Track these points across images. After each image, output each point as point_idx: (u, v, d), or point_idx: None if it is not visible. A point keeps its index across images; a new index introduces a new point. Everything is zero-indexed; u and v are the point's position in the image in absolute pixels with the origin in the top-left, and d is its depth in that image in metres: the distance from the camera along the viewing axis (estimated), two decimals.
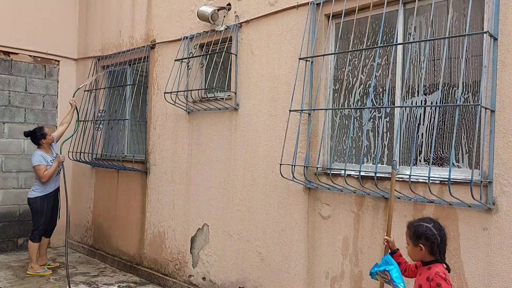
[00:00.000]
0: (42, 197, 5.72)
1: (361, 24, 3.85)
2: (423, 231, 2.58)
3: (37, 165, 5.63)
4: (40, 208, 5.73)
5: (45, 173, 5.61)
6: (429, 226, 2.60)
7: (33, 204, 5.74)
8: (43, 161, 5.65)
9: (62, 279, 5.70)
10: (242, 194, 4.62)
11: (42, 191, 5.73)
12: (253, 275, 4.48)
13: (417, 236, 2.61)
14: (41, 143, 5.75)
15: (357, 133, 3.92)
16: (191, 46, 5.23)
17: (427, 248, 2.58)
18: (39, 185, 5.73)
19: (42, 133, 5.76)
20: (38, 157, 5.65)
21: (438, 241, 2.57)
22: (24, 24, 6.89)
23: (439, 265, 2.59)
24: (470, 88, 3.25)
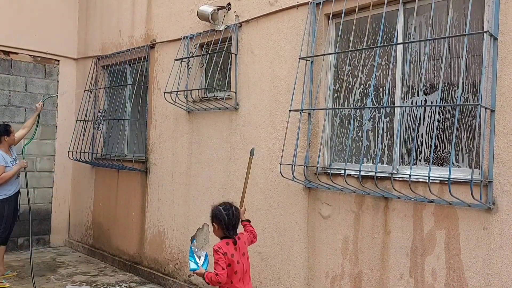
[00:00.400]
0: (3, 200, 5.34)
1: (361, 24, 3.85)
2: (214, 212, 3.15)
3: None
4: (1, 212, 5.34)
5: (3, 174, 5.25)
6: (219, 208, 3.14)
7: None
8: (2, 161, 5.29)
9: (62, 278, 5.70)
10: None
11: (3, 194, 5.34)
12: (253, 274, 4.47)
13: (211, 217, 3.17)
14: (2, 140, 5.39)
15: (357, 133, 3.92)
16: (191, 45, 5.23)
17: (219, 226, 3.11)
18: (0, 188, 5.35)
19: (7, 129, 5.44)
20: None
21: (225, 220, 3.07)
22: (24, 23, 6.89)
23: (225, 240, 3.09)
24: (470, 88, 3.25)
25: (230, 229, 3.11)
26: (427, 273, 3.23)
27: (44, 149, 7.21)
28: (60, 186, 7.39)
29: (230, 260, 3.03)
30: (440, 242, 3.17)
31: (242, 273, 3.09)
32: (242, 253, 3.12)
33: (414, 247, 3.31)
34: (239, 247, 3.11)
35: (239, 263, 3.08)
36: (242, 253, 3.12)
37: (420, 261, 3.27)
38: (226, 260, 3.01)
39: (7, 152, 5.42)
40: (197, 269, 3.09)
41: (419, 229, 3.29)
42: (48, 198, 7.30)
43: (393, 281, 3.42)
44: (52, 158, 7.30)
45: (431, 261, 3.21)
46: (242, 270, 3.08)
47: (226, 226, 3.09)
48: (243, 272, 3.09)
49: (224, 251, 3.02)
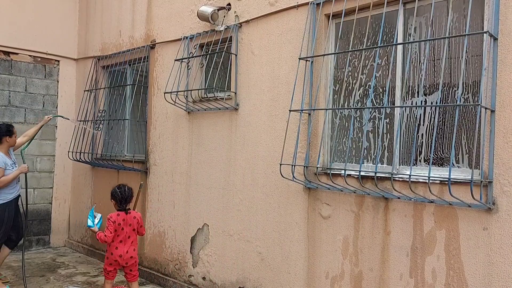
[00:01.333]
0: (3, 205, 5.05)
1: (361, 24, 3.85)
2: (112, 192, 4.29)
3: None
4: (0, 217, 5.05)
5: (3, 178, 4.96)
6: (115, 188, 4.29)
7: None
8: (2, 163, 4.99)
9: (62, 279, 5.70)
10: (242, 194, 4.62)
11: (3, 198, 5.06)
12: (253, 275, 4.48)
13: (110, 195, 4.29)
14: (3, 140, 5.08)
15: (357, 133, 3.92)
16: (191, 46, 5.23)
17: (115, 202, 4.26)
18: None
19: (10, 130, 5.14)
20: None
21: (119, 196, 4.22)
22: (24, 24, 6.90)
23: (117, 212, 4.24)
24: (470, 89, 3.25)
25: (123, 202, 4.24)
26: (427, 274, 3.23)
27: (44, 150, 7.21)
28: (60, 186, 7.39)
29: (117, 227, 4.15)
30: (440, 242, 3.17)
31: (124, 238, 4.20)
32: (129, 223, 4.23)
33: (414, 247, 3.31)
34: (127, 219, 4.22)
35: (123, 230, 4.19)
36: (129, 224, 4.23)
37: (420, 261, 3.27)
38: (114, 226, 4.13)
39: (7, 154, 5.17)
40: (92, 227, 4.30)
41: (419, 229, 3.29)
42: (48, 198, 7.30)
43: (393, 282, 3.42)
44: (52, 159, 7.30)
45: (431, 262, 3.21)
46: (125, 236, 4.20)
47: (120, 200, 4.22)
48: (125, 237, 4.20)
49: (113, 220, 4.14)
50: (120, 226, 4.16)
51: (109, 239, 4.12)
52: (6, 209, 5.07)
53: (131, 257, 4.25)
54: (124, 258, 4.20)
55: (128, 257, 4.23)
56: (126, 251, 4.21)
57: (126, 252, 4.21)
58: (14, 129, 5.24)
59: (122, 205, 4.22)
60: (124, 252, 4.20)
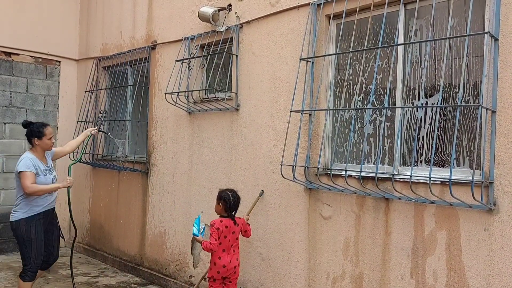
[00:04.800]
0: (27, 219, 4.18)
1: (362, 25, 3.85)
2: (223, 194, 3.90)
3: (23, 171, 4.09)
4: (27, 234, 4.17)
5: (33, 185, 4.09)
6: (227, 192, 3.92)
7: (16, 230, 4.19)
8: (32, 167, 4.15)
9: (62, 279, 5.70)
10: (243, 194, 4.61)
11: (26, 211, 4.20)
12: (254, 275, 4.48)
13: (219, 197, 3.91)
14: (33, 143, 4.30)
15: (358, 136, 3.92)
16: (192, 46, 5.23)
17: (224, 206, 3.88)
18: (23, 203, 4.20)
19: (40, 131, 4.29)
20: (26, 161, 4.17)
21: (230, 203, 3.87)
22: (25, 24, 6.90)
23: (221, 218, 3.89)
24: (471, 91, 3.24)
25: (233, 209, 3.92)
26: (428, 274, 3.23)
27: None
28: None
29: (220, 234, 3.82)
30: (441, 243, 3.17)
31: (227, 247, 3.87)
32: (232, 231, 3.88)
33: (415, 248, 3.30)
34: (230, 226, 3.87)
35: (226, 238, 3.85)
36: (232, 232, 3.88)
37: (421, 262, 3.27)
38: (217, 233, 3.80)
39: (42, 158, 4.35)
40: (197, 235, 3.90)
41: (420, 230, 3.28)
42: None
43: (394, 282, 3.41)
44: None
45: (432, 262, 3.21)
46: (227, 244, 3.86)
47: (230, 207, 3.89)
48: (228, 246, 3.87)
49: (217, 226, 3.81)
50: (223, 234, 3.83)
51: (214, 246, 3.79)
52: (32, 224, 4.20)
53: (235, 267, 3.92)
54: (227, 268, 3.86)
55: (231, 267, 3.88)
56: (229, 261, 3.87)
57: (229, 262, 3.87)
58: (47, 130, 4.34)
59: (230, 212, 3.90)
60: (227, 262, 3.86)
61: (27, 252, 4.23)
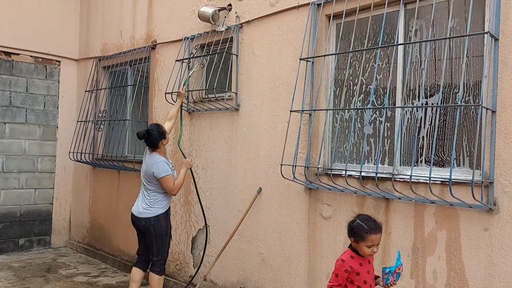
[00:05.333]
0: (164, 214, 4.37)
1: (362, 25, 3.85)
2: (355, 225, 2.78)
3: (166, 175, 4.23)
4: (165, 228, 4.35)
5: (176, 183, 4.31)
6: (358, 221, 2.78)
7: (156, 226, 4.29)
8: (169, 169, 4.28)
9: (63, 279, 5.70)
10: (243, 194, 4.62)
11: (163, 206, 4.36)
12: (254, 275, 4.48)
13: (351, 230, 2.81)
14: (160, 145, 4.36)
15: (358, 136, 3.91)
16: (192, 46, 5.23)
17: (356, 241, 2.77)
18: (160, 200, 4.34)
19: (161, 131, 4.35)
20: (164, 165, 4.26)
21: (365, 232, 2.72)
22: (25, 24, 6.90)
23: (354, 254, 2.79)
24: (471, 91, 3.24)
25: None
26: (428, 274, 3.23)
27: (45, 150, 7.22)
28: (61, 186, 7.40)
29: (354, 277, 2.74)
30: (441, 243, 3.17)
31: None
32: (367, 270, 2.80)
33: (415, 248, 3.30)
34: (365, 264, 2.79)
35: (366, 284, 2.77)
36: (367, 271, 2.80)
37: (421, 262, 3.27)
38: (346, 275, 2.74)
39: (165, 156, 4.50)
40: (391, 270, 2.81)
41: (420, 230, 3.28)
42: (49, 198, 7.30)
43: None
44: (53, 159, 7.30)
45: (432, 262, 3.21)
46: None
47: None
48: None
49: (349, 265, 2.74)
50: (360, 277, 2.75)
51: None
52: (168, 218, 4.43)
53: None
54: None
55: None
56: None
57: None
58: (164, 128, 4.43)
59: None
60: None
61: (163, 246, 4.36)
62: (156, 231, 4.30)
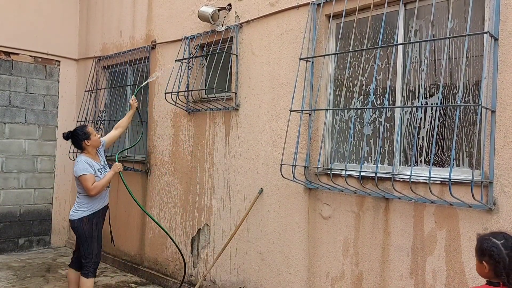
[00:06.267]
0: (89, 216, 4.39)
1: (361, 25, 3.85)
2: (488, 247, 2.26)
3: (82, 174, 4.30)
4: (89, 231, 4.38)
5: (94, 184, 4.32)
6: (497, 242, 2.25)
7: (78, 228, 4.36)
8: (90, 169, 4.36)
9: (62, 279, 5.70)
10: (242, 194, 4.62)
11: (88, 209, 4.40)
12: (253, 275, 4.48)
13: (481, 251, 2.30)
14: (84, 145, 4.47)
15: (358, 136, 3.92)
16: (191, 46, 5.23)
17: (491, 267, 2.24)
18: (85, 202, 4.40)
19: (85, 132, 4.48)
20: (83, 164, 4.36)
21: (505, 262, 2.20)
22: (24, 24, 6.90)
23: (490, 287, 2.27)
24: (470, 91, 3.25)
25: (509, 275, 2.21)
26: (428, 274, 3.23)
27: (45, 150, 7.22)
28: (60, 186, 7.39)
29: None
30: (440, 242, 3.17)
31: None
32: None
33: (415, 247, 3.31)
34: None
35: None
36: None
37: (420, 261, 3.27)
38: None
39: (95, 158, 4.54)
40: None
41: (420, 230, 3.29)
42: (48, 198, 7.30)
43: (394, 282, 3.41)
44: (52, 159, 7.30)
45: (432, 262, 3.21)
46: None
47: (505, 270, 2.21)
48: None
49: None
50: None
51: None
52: (93, 221, 4.42)
53: None
54: None
55: None
56: None
57: None
58: (89, 129, 4.53)
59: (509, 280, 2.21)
60: None
61: (89, 249, 4.40)
62: (80, 234, 4.38)
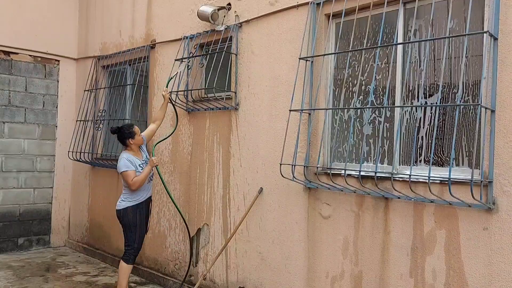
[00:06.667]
0: (133, 207, 4.72)
1: (361, 24, 3.85)
2: None
3: (124, 171, 4.62)
4: (133, 220, 4.72)
5: (134, 179, 4.60)
6: None
7: (124, 217, 4.74)
8: (131, 165, 4.65)
9: (62, 278, 5.70)
10: (242, 193, 4.62)
11: (132, 199, 4.73)
12: (253, 274, 4.49)
13: None
14: (128, 143, 4.75)
15: (357, 136, 3.92)
16: (191, 45, 5.23)
17: None
18: (128, 194, 4.74)
19: (131, 131, 4.74)
20: (125, 161, 4.65)
21: None
22: (24, 23, 6.89)
23: None
24: (470, 90, 3.25)
25: None
26: (428, 273, 3.23)
27: (44, 149, 7.22)
28: (60, 186, 7.39)
29: None
30: (440, 242, 3.17)
31: None
32: None
33: (414, 247, 3.31)
34: None
35: None
36: None
37: (420, 261, 3.27)
38: None
39: (137, 154, 4.80)
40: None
41: (419, 229, 3.29)
42: (48, 198, 7.30)
43: (393, 281, 3.42)
44: (52, 158, 7.30)
45: (432, 261, 3.21)
46: None
47: None
48: None
49: None
50: None
51: None
52: (137, 211, 4.73)
53: None
54: None
55: None
56: None
57: None
58: (136, 128, 4.80)
59: None
60: None
61: (132, 237, 4.75)
62: (125, 223, 4.74)
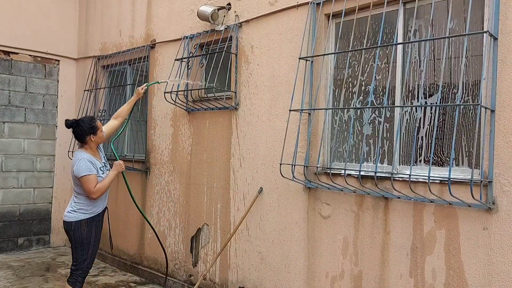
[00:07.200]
0: (89, 220, 3.93)
1: (361, 24, 3.85)
2: None
3: (86, 175, 3.81)
4: (87, 235, 3.91)
5: (97, 186, 3.87)
6: None
7: (75, 231, 3.89)
8: (93, 169, 3.87)
9: (62, 278, 5.70)
10: (242, 193, 4.62)
11: (88, 211, 3.94)
12: (253, 274, 4.49)
13: None
14: (87, 140, 3.94)
15: (357, 136, 3.92)
16: (191, 45, 5.23)
17: None
18: (84, 204, 3.93)
19: (93, 126, 3.94)
20: (86, 163, 3.84)
21: None
22: (24, 23, 6.89)
23: None
24: (470, 91, 3.25)
25: None
26: (427, 273, 3.23)
27: (44, 149, 7.22)
28: (60, 186, 7.39)
29: None
30: (440, 242, 3.17)
31: None
32: None
33: (414, 247, 3.31)
34: None
35: None
36: None
37: (420, 261, 3.27)
38: None
39: (96, 155, 4.04)
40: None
41: (419, 229, 3.29)
42: (48, 198, 7.30)
43: (393, 281, 3.42)
44: (52, 158, 7.30)
45: (431, 261, 3.21)
46: None
47: None
48: None
49: None
50: None
51: None
52: (92, 225, 3.97)
53: None
54: None
55: None
56: None
57: None
58: (98, 123, 4.02)
59: None
60: None
61: (82, 255, 3.94)
62: (76, 238, 3.91)
